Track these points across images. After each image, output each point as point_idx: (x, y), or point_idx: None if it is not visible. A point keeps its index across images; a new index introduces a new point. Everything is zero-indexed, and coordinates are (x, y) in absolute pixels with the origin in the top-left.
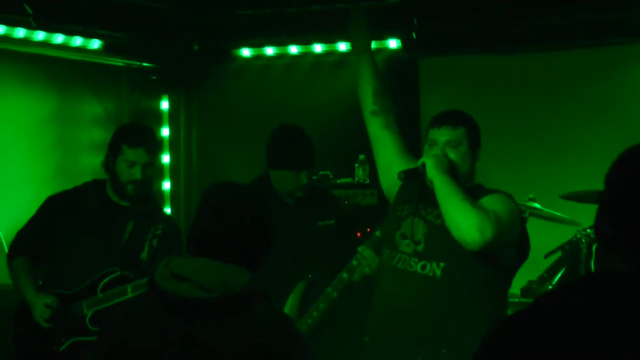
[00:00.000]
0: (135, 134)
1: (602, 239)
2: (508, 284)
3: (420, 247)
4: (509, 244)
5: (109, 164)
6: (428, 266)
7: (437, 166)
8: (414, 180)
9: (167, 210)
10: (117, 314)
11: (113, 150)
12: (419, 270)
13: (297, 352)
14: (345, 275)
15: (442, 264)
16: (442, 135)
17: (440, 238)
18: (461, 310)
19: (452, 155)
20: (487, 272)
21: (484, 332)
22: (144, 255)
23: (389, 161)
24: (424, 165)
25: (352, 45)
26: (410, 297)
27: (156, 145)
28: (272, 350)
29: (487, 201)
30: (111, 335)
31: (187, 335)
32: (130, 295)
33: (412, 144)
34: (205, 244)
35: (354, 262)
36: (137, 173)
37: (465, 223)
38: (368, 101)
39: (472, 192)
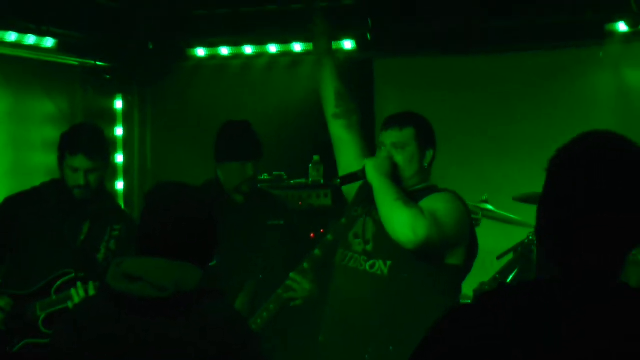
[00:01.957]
0: (75, 140)
1: (542, 245)
2: (457, 283)
3: (369, 247)
4: (452, 242)
5: (59, 166)
6: (376, 265)
7: (375, 169)
8: (353, 184)
9: None
10: (70, 317)
11: (58, 156)
12: (367, 268)
13: (249, 349)
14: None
15: (389, 263)
16: (388, 137)
17: (387, 237)
18: (408, 309)
19: (398, 157)
20: (433, 270)
21: None
22: (100, 256)
23: (350, 162)
24: (364, 168)
25: (314, 48)
26: (359, 295)
27: (98, 150)
28: (226, 347)
29: (427, 201)
30: (65, 339)
31: (141, 334)
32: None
33: (368, 145)
34: (152, 243)
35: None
36: (79, 179)
37: (398, 222)
38: (330, 103)
39: (419, 193)
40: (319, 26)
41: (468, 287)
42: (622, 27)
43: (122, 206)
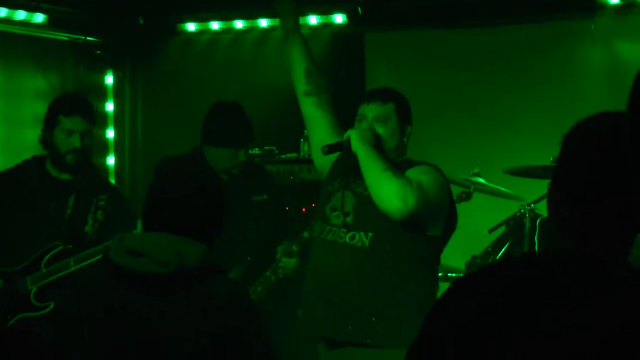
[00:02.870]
0: (70, 103)
1: (556, 219)
2: (437, 254)
3: (349, 219)
4: (435, 214)
5: (47, 137)
6: (357, 236)
7: (361, 139)
8: (339, 153)
9: None
10: (72, 291)
11: (50, 123)
12: (347, 240)
13: (253, 324)
14: (284, 259)
15: (370, 234)
16: (371, 110)
17: (368, 209)
18: (389, 279)
19: (380, 129)
20: (415, 243)
21: (412, 302)
22: (88, 228)
23: (322, 140)
24: (349, 138)
25: (281, 25)
26: (339, 268)
27: (92, 113)
28: (229, 323)
29: (412, 172)
30: (67, 312)
31: (142, 310)
32: (73, 268)
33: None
34: (159, 218)
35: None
36: (76, 141)
37: (388, 192)
38: (300, 81)
39: (400, 165)
40: (284, 3)
41: (460, 261)
42: None
43: (113, 181)
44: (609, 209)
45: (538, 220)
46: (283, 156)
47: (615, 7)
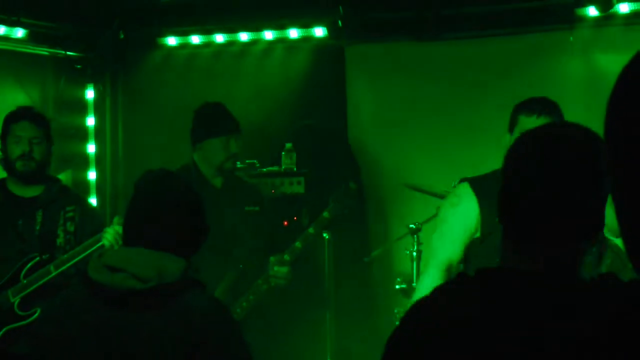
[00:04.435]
0: (19, 111)
1: (505, 235)
2: None
3: None
4: None
5: (3, 150)
6: None
7: None
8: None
9: (93, 200)
10: (52, 307)
11: (3, 134)
12: None
13: (232, 339)
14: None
15: None
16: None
17: None
18: None
19: None
20: None
21: None
22: (60, 240)
23: None
24: None
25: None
26: None
27: (42, 121)
28: (209, 338)
29: None
30: (45, 329)
31: (122, 326)
32: (54, 273)
33: (340, 133)
34: (139, 233)
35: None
36: (24, 146)
37: None
38: None
39: None
40: None
41: None
42: (592, 11)
43: (95, 196)
44: (551, 224)
45: None
46: (264, 169)
47: (594, 19)
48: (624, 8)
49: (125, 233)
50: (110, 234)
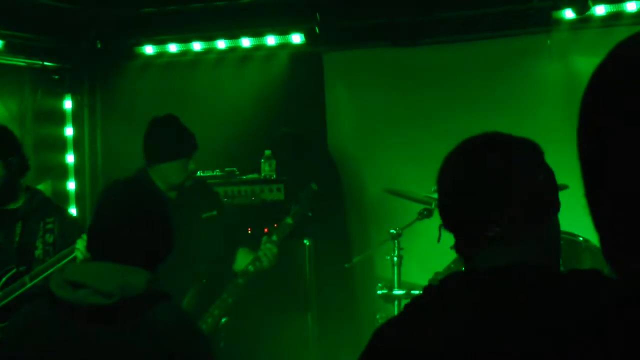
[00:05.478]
0: None
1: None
2: None
3: None
4: None
5: None
6: None
7: None
8: None
9: (73, 210)
10: (14, 325)
11: None
12: None
13: (199, 348)
14: (240, 280)
15: None
16: None
17: None
18: None
19: None
20: None
21: None
22: (38, 252)
23: None
24: None
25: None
26: None
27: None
28: (175, 351)
29: None
30: (8, 348)
31: (86, 342)
32: (29, 284)
33: (319, 140)
34: (101, 247)
35: (260, 253)
36: None
37: None
38: None
39: None
40: None
41: (423, 278)
42: (569, 14)
43: (74, 206)
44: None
45: None
46: (244, 177)
47: (571, 22)
48: (600, 10)
49: (90, 245)
50: (82, 245)
